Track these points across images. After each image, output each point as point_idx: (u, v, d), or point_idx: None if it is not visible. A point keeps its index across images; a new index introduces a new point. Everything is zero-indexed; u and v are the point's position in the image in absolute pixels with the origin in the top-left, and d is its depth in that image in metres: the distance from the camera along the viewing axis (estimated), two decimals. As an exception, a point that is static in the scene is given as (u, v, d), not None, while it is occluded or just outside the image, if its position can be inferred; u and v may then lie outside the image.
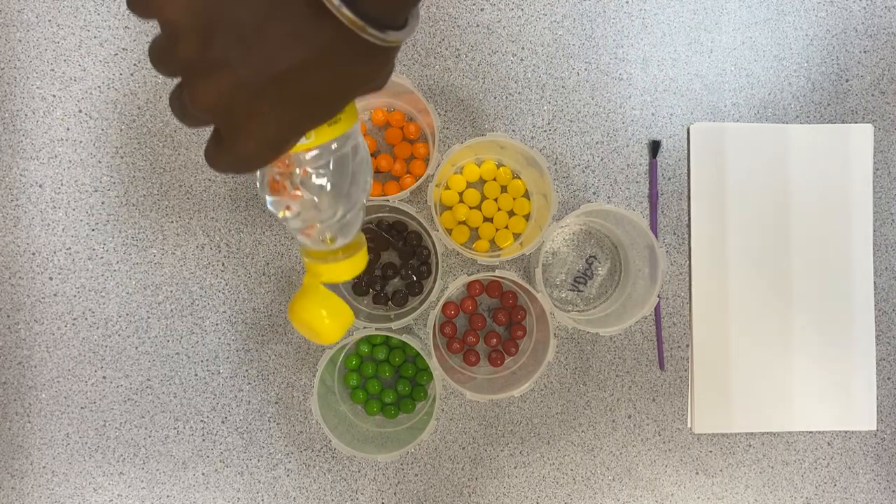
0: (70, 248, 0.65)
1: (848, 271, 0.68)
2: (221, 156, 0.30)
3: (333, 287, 0.47)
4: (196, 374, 0.66)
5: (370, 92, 0.31)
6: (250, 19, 0.26)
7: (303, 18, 0.26)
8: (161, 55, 0.28)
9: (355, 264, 0.41)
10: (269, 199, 0.38)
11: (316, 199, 0.36)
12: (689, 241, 0.67)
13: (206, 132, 0.66)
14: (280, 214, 0.38)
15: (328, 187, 0.36)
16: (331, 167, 0.36)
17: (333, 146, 0.35)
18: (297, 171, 0.35)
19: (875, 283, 0.68)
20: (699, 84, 0.68)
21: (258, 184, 0.38)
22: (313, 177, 0.36)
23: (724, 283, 0.67)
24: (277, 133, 0.29)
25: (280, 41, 0.26)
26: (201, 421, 0.66)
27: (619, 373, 0.67)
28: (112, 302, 0.65)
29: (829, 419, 0.68)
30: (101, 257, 0.65)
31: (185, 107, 0.29)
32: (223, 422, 0.66)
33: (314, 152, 0.35)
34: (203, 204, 0.66)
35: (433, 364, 0.59)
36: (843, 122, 0.68)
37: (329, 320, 0.42)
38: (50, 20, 0.65)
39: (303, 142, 0.34)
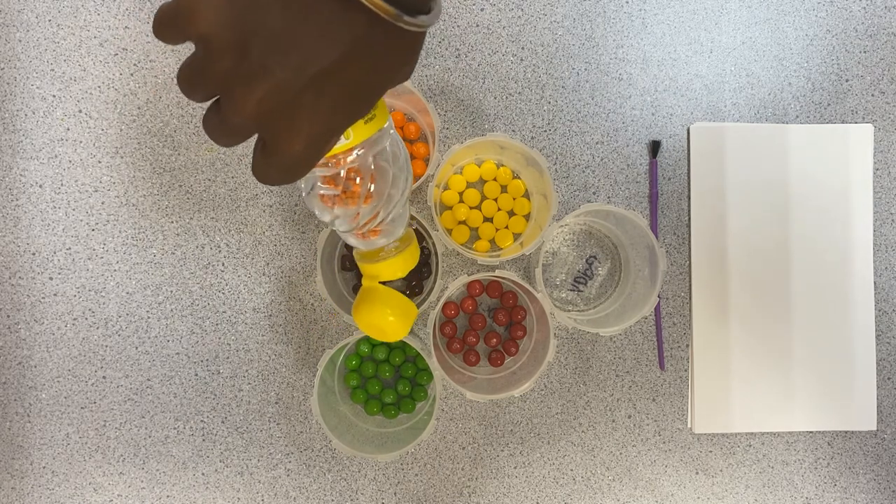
0: (70, 248, 0.65)
1: (848, 271, 0.68)
2: (269, 165, 0.30)
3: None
4: (196, 374, 0.66)
5: (400, 82, 0.31)
6: (283, 23, 0.26)
7: (335, 14, 0.26)
8: (196, 75, 0.28)
9: (408, 258, 0.43)
10: (317, 208, 0.38)
11: (363, 199, 0.37)
12: (689, 241, 0.67)
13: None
14: (328, 219, 0.39)
15: (372, 186, 0.37)
16: (372, 165, 0.36)
17: (372, 143, 0.36)
18: (342, 173, 0.36)
19: (875, 283, 0.68)
20: (699, 84, 0.68)
21: (304, 195, 0.39)
22: (357, 179, 0.36)
23: (724, 283, 0.67)
24: (321, 130, 0.29)
25: (315, 40, 0.26)
26: (201, 421, 0.66)
27: (619, 373, 0.67)
28: (112, 302, 0.65)
29: (829, 419, 0.68)
30: (101, 257, 0.65)
31: (223, 123, 0.29)
32: (223, 422, 0.66)
33: (356, 152, 0.35)
34: (203, 204, 0.66)
35: (433, 364, 0.59)
36: (843, 122, 0.68)
37: (394, 318, 0.44)
38: (50, 20, 0.65)
39: (343, 143, 0.35)
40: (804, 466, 0.68)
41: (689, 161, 0.67)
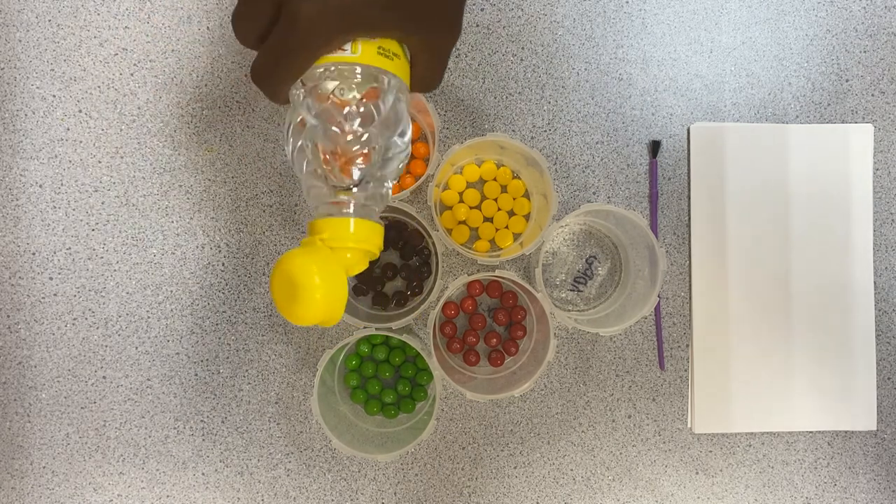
0: (70, 248, 0.65)
1: (848, 271, 0.68)
2: (277, 37, 0.29)
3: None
4: (196, 374, 0.66)
5: (429, 42, 0.31)
6: None
7: None
8: None
9: (366, 228, 0.34)
10: (296, 104, 0.35)
11: (343, 122, 0.34)
12: (689, 241, 0.67)
13: (207, 131, 0.66)
14: (301, 156, 0.35)
15: (354, 117, 0.34)
16: (367, 104, 0.34)
17: (376, 76, 0.34)
18: (332, 84, 0.33)
19: (875, 283, 0.68)
20: (699, 84, 0.68)
21: (289, 134, 0.36)
22: (343, 94, 0.34)
23: (724, 283, 0.67)
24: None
25: None
26: (201, 421, 0.66)
27: (619, 373, 0.67)
28: (112, 302, 0.65)
29: (829, 419, 0.68)
30: (101, 257, 0.65)
31: None
32: (223, 422, 0.66)
33: (358, 69, 0.33)
34: (203, 204, 0.66)
35: (433, 364, 0.59)
36: (843, 122, 0.68)
37: (319, 278, 0.32)
38: (50, 20, 0.65)
39: (348, 54, 0.32)
40: (804, 466, 0.68)
41: (689, 161, 0.67)
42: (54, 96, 0.65)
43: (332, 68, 0.33)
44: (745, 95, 0.68)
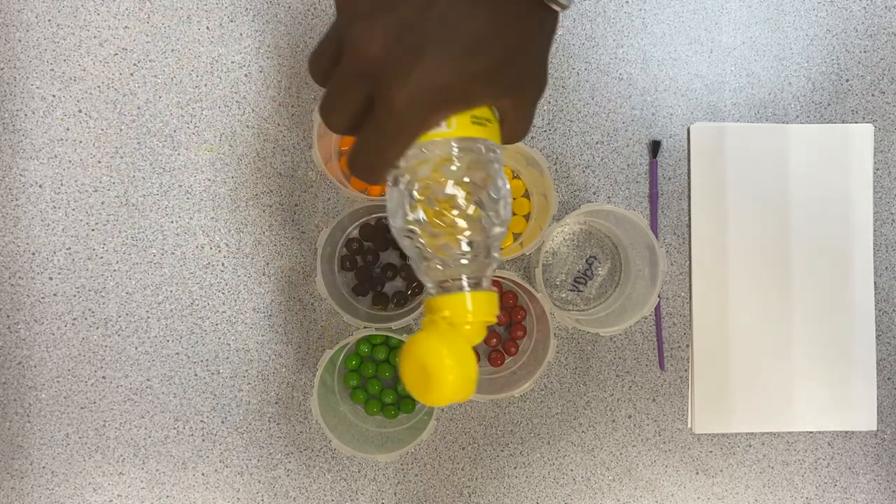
0: (70, 248, 0.65)
1: (848, 271, 0.68)
2: (372, 131, 0.30)
3: None
4: (196, 374, 0.66)
5: (522, 97, 0.31)
6: None
7: None
8: (326, 38, 0.30)
9: (484, 300, 0.35)
10: (398, 206, 0.35)
11: (449, 205, 0.34)
12: (689, 241, 0.67)
13: (207, 131, 0.66)
14: (401, 219, 0.35)
15: (461, 195, 0.33)
16: (466, 177, 0.34)
17: (473, 149, 0.33)
18: (429, 166, 0.33)
19: (875, 283, 0.68)
20: (699, 84, 0.68)
21: (394, 220, 0.36)
22: (446, 176, 0.33)
23: (724, 283, 0.67)
24: (431, 83, 0.28)
25: None
26: (201, 421, 0.66)
27: (619, 373, 0.67)
28: (112, 302, 0.65)
29: (829, 419, 0.68)
30: (101, 257, 0.65)
31: (340, 71, 0.29)
32: (223, 422, 0.66)
33: (454, 145, 0.33)
34: (203, 204, 0.66)
35: (433, 364, 0.59)
36: (843, 122, 0.68)
37: (451, 360, 0.32)
38: (50, 20, 0.65)
39: (444, 129, 0.32)
40: (804, 466, 0.68)
41: (689, 161, 0.67)
42: (54, 96, 0.65)
43: (430, 146, 0.33)
44: (745, 95, 0.68)
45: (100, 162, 0.65)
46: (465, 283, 0.35)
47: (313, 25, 0.66)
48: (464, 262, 0.35)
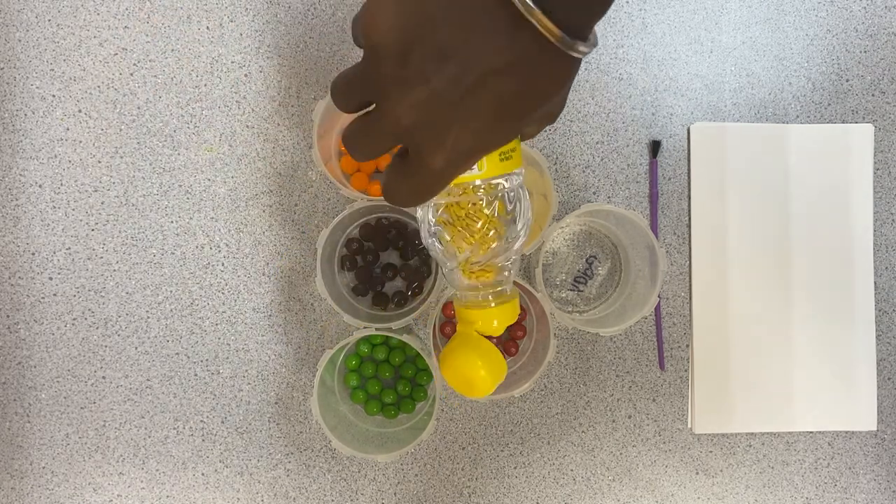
0: (70, 248, 0.65)
1: (848, 271, 0.68)
2: (404, 181, 0.31)
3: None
4: (196, 374, 0.66)
5: (548, 111, 0.31)
6: (449, 34, 0.27)
7: (500, 30, 0.27)
8: (354, 81, 0.30)
9: (508, 311, 0.40)
10: (431, 237, 0.38)
11: (479, 236, 0.37)
12: (689, 241, 0.67)
13: (207, 131, 0.66)
14: (440, 249, 0.38)
15: (492, 225, 0.37)
16: (496, 206, 0.36)
17: (503, 183, 0.36)
18: (466, 204, 0.36)
19: (875, 283, 0.68)
20: (699, 84, 0.68)
21: (422, 227, 0.39)
22: (480, 210, 0.36)
23: (724, 283, 0.67)
24: (465, 147, 0.30)
25: (476, 53, 0.27)
26: (201, 421, 0.66)
27: (619, 373, 0.67)
28: (112, 302, 0.65)
29: (829, 419, 0.68)
30: (101, 257, 0.65)
31: (371, 131, 0.30)
32: (223, 422, 0.66)
33: (483, 186, 0.35)
34: (203, 204, 0.66)
35: (433, 364, 0.59)
36: (843, 122, 0.68)
37: (484, 370, 0.40)
38: (50, 20, 0.65)
39: (475, 172, 0.35)
40: (804, 466, 0.68)
41: (689, 161, 0.67)
42: (54, 96, 0.65)
43: (458, 188, 0.36)
44: (746, 95, 0.68)
45: (100, 162, 0.65)
46: (491, 298, 0.40)
47: (313, 25, 0.66)
48: (484, 287, 0.40)
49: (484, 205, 0.36)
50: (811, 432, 0.68)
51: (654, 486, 0.67)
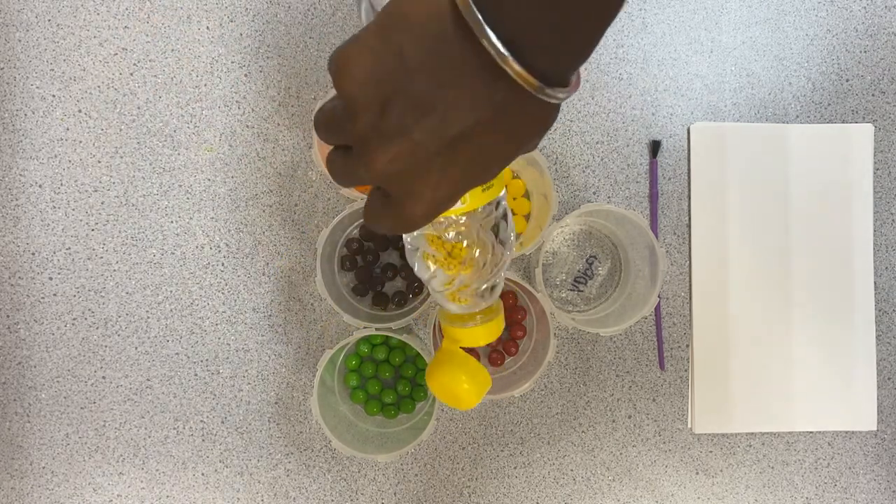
0: (70, 248, 0.65)
1: (848, 271, 0.68)
2: (387, 218, 0.31)
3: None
4: (196, 374, 0.66)
5: (527, 151, 0.32)
6: (427, 86, 0.26)
7: (479, 81, 0.26)
8: (334, 125, 0.29)
9: (493, 329, 0.42)
10: (418, 264, 0.39)
11: (465, 263, 0.37)
12: (690, 241, 0.67)
13: (207, 131, 0.66)
14: (426, 277, 0.39)
15: (477, 252, 0.37)
16: (479, 232, 0.37)
17: (487, 210, 0.36)
18: (450, 235, 0.36)
19: (875, 283, 0.68)
20: (699, 84, 0.68)
21: (407, 250, 0.39)
22: (464, 242, 0.36)
23: (724, 283, 0.67)
24: (444, 196, 0.29)
25: (455, 105, 0.27)
26: (201, 421, 0.66)
27: (619, 373, 0.67)
28: (112, 302, 0.65)
29: (829, 419, 0.68)
30: (101, 257, 0.65)
31: (350, 172, 0.30)
32: (223, 422, 0.66)
33: (466, 217, 0.36)
34: (203, 204, 0.66)
35: (433, 364, 0.59)
36: (843, 122, 0.68)
37: (468, 385, 0.41)
38: (50, 20, 0.65)
39: (458, 206, 0.35)
40: (804, 466, 0.68)
41: (689, 161, 0.67)
42: (54, 96, 0.65)
43: (441, 222, 0.36)
44: (745, 95, 0.68)
45: (100, 162, 0.65)
46: (478, 319, 0.41)
47: (313, 25, 0.66)
48: (471, 306, 0.40)
49: (466, 242, 0.36)
50: (811, 432, 0.68)
51: (654, 486, 0.67)
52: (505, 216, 0.38)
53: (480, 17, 0.25)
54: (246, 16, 0.66)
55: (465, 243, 0.37)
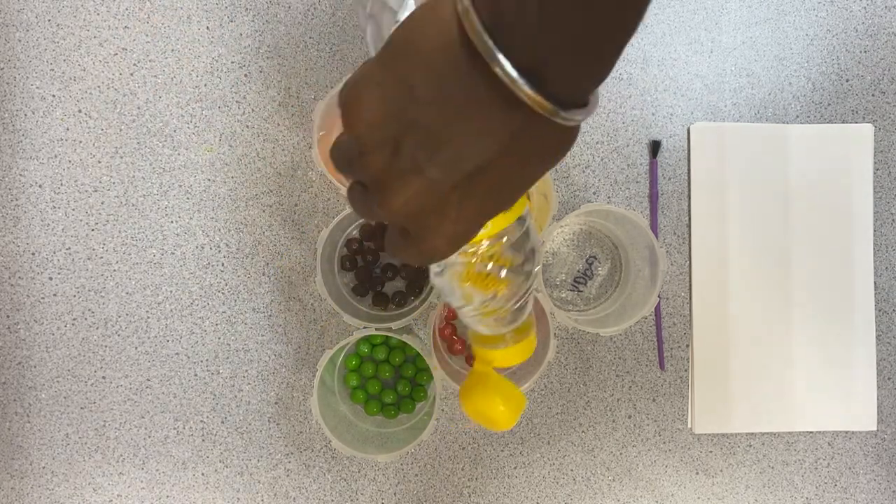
0: (70, 248, 0.65)
1: (848, 271, 0.68)
2: (408, 253, 0.30)
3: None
4: (196, 374, 0.66)
5: (546, 171, 0.31)
6: (440, 120, 0.25)
7: (493, 111, 0.25)
8: (348, 166, 0.28)
9: (525, 347, 0.41)
10: (447, 289, 0.38)
11: (497, 284, 0.36)
12: (689, 241, 0.67)
13: (207, 131, 0.66)
14: (456, 303, 0.38)
15: (504, 273, 0.36)
16: (508, 252, 0.36)
17: (511, 231, 0.35)
18: (475, 259, 0.35)
19: (875, 283, 0.68)
20: (699, 84, 0.68)
21: (432, 277, 0.38)
22: (490, 264, 0.35)
23: (724, 283, 0.67)
24: (464, 230, 0.29)
25: (470, 137, 0.25)
26: (201, 421, 0.66)
27: (619, 373, 0.67)
28: (112, 302, 0.65)
29: (829, 419, 0.68)
30: (101, 257, 0.65)
31: (367, 208, 0.29)
32: (223, 422, 0.66)
33: (489, 242, 0.35)
34: (203, 204, 0.66)
35: (433, 364, 0.59)
36: (843, 122, 0.68)
37: (504, 407, 0.41)
38: (50, 20, 0.65)
39: (480, 231, 0.34)
40: (804, 466, 0.68)
41: (689, 161, 0.67)
42: (54, 96, 0.65)
43: (465, 248, 0.35)
44: (745, 95, 0.68)
45: (100, 162, 0.65)
46: (509, 339, 0.40)
47: (313, 25, 0.66)
48: (502, 327, 0.40)
49: (490, 268, 0.36)
50: (811, 432, 0.68)
51: (654, 486, 0.67)
52: (530, 233, 0.37)
53: (492, 43, 0.23)
54: (246, 16, 0.66)
55: (489, 266, 0.36)
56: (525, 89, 0.24)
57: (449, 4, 0.24)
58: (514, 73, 0.24)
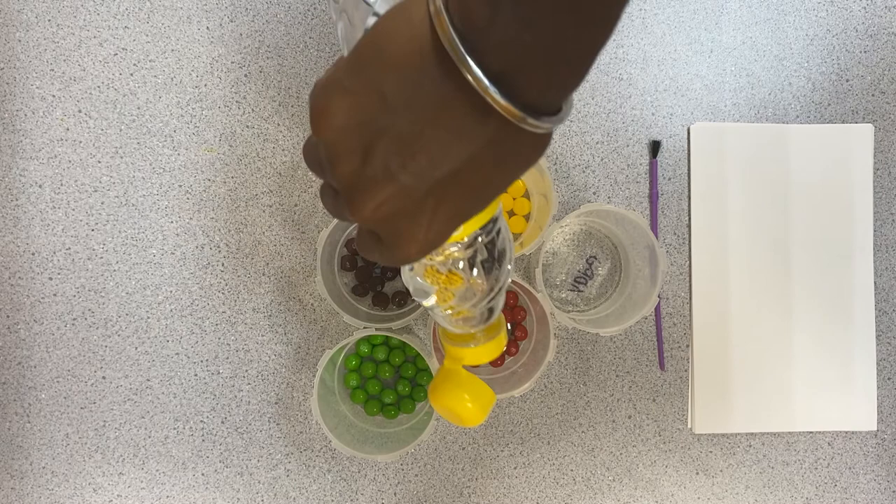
0: (70, 248, 0.65)
1: (848, 271, 0.68)
2: (380, 255, 0.30)
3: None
4: (196, 374, 0.66)
5: (518, 178, 0.30)
6: (411, 127, 0.25)
7: (465, 117, 0.25)
8: (318, 169, 0.28)
9: (496, 346, 0.41)
10: (414, 287, 0.38)
11: (467, 285, 0.36)
12: (690, 241, 0.67)
13: (207, 131, 0.66)
14: (426, 303, 0.38)
15: (475, 272, 0.36)
16: (480, 253, 0.36)
17: (482, 232, 0.35)
18: (446, 260, 0.35)
19: (875, 283, 0.68)
20: (699, 84, 0.68)
21: (403, 275, 0.38)
22: (461, 263, 0.35)
23: (725, 283, 0.67)
24: (436, 236, 0.28)
25: (442, 144, 0.25)
26: (201, 421, 0.66)
27: (619, 373, 0.67)
28: (112, 302, 0.65)
29: (829, 419, 0.68)
30: (101, 257, 0.65)
31: (339, 212, 0.29)
32: (223, 422, 0.66)
33: (462, 242, 0.35)
34: (203, 204, 0.66)
35: (433, 364, 0.59)
36: (843, 122, 0.68)
37: (472, 404, 0.41)
38: (50, 20, 0.65)
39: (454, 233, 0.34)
40: (804, 466, 0.68)
41: (689, 161, 0.67)
42: (54, 96, 0.65)
43: (437, 252, 0.35)
44: (745, 95, 0.68)
45: (100, 162, 0.65)
46: (481, 339, 0.40)
47: (313, 25, 0.66)
48: (471, 326, 0.39)
49: (461, 268, 0.36)
50: (811, 432, 0.68)
51: (654, 486, 0.67)
52: (503, 233, 0.37)
53: (464, 49, 0.23)
54: (246, 16, 0.66)
55: (460, 265, 0.35)
56: (495, 96, 0.24)
57: (421, 6, 0.24)
58: (484, 79, 0.23)
